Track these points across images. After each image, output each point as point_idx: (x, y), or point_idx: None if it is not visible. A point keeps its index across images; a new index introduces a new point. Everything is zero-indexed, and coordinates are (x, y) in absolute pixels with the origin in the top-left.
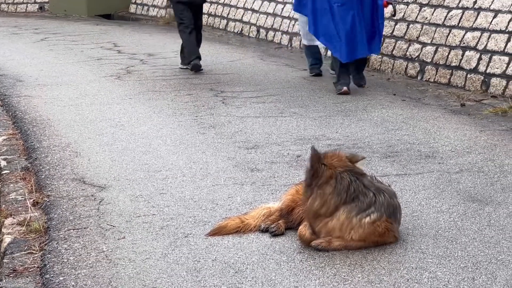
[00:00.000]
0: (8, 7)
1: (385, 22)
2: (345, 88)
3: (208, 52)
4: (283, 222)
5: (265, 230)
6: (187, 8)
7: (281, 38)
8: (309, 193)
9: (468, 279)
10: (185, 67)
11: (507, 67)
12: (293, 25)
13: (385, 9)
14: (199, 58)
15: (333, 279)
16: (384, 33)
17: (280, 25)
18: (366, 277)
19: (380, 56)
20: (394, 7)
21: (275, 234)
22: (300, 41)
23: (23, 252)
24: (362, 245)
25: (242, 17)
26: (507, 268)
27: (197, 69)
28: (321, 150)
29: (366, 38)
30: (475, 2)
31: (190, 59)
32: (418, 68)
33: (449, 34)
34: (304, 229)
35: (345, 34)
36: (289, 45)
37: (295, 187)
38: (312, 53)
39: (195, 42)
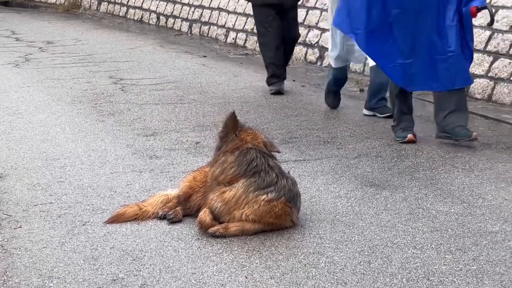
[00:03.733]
0: None
1: None
2: (409, 135)
3: (108, 39)
4: (181, 209)
5: (162, 217)
6: (274, 13)
7: (181, 25)
8: (216, 158)
9: (364, 262)
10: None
11: None
12: (193, 12)
13: (473, 19)
14: (282, 79)
15: (231, 265)
16: None
17: (180, 12)
18: (264, 263)
19: None
20: (490, 12)
21: (173, 221)
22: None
23: None
24: (258, 227)
25: (142, 4)
26: (402, 251)
27: (278, 93)
28: (242, 122)
29: (451, 63)
30: None
31: (272, 81)
32: (318, 54)
33: None
34: (204, 215)
35: (414, 54)
36: (189, 32)
37: (193, 174)
38: (337, 75)
39: (282, 62)
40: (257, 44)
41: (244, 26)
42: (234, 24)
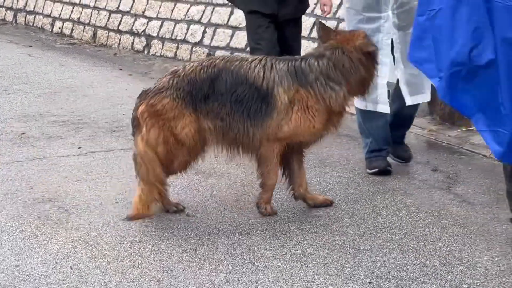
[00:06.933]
0: None
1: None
2: None
3: None
4: None
5: None
6: (267, 23)
7: (5, 14)
8: None
9: (191, 250)
10: None
11: (230, 40)
12: (17, 0)
13: None
14: None
15: (55, 256)
16: (110, 8)
17: (4, 1)
18: (90, 253)
19: (106, 31)
20: None
21: None
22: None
23: None
24: None
25: None
26: (228, 238)
27: None
28: None
29: None
30: None
31: None
32: (145, 43)
33: (174, 8)
34: None
35: None
36: (14, 21)
37: None
38: (375, 127)
39: None
40: (84, 33)
41: (70, 15)
42: (60, 13)
